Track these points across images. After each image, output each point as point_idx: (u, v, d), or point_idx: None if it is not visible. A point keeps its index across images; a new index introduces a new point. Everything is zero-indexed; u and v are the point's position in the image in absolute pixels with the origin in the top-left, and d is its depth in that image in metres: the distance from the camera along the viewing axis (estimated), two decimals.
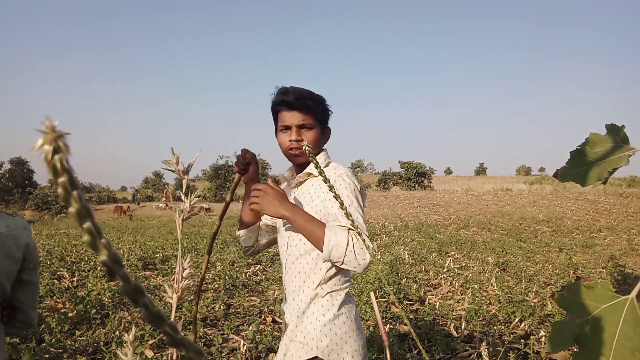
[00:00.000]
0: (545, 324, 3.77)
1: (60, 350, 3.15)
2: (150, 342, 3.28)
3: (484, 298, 4.68)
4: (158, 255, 7.52)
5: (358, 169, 77.06)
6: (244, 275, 5.93)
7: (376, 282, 4.66)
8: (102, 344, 3.30)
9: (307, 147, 0.55)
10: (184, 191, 0.85)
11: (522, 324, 3.79)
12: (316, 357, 1.25)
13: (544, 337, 3.40)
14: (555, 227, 12.49)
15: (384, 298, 4.58)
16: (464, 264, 6.87)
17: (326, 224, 1.23)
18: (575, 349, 0.53)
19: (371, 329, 3.60)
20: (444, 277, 5.86)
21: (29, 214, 27.97)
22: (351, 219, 0.56)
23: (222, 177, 33.16)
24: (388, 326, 3.75)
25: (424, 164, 37.70)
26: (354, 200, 1.28)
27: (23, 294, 1.34)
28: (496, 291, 4.75)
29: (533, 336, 3.47)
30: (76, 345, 3.28)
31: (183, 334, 0.25)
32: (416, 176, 36.43)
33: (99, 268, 6.12)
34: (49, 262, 6.45)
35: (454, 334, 3.62)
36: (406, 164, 37.25)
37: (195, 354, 0.25)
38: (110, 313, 4.08)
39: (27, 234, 1.33)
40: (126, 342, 0.67)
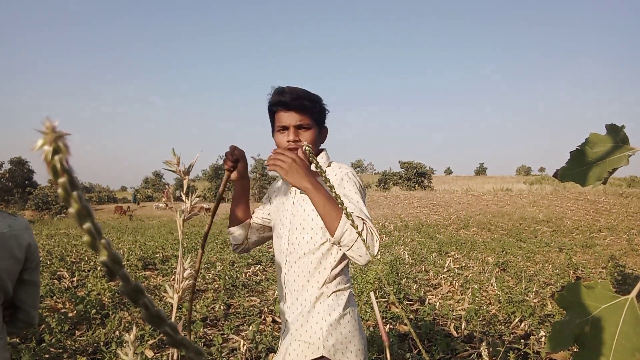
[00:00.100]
0: (545, 324, 3.77)
1: (60, 350, 3.15)
2: (150, 342, 3.28)
3: (484, 298, 4.68)
4: (158, 255, 7.52)
5: (358, 169, 76.99)
6: (244, 275, 5.93)
7: (376, 282, 4.66)
8: (102, 344, 3.30)
9: (307, 147, 0.55)
10: (184, 191, 0.85)
11: (522, 324, 3.79)
12: (322, 356, 1.25)
13: (544, 337, 3.40)
14: (555, 227, 12.49)
15: (384, 298, 4.58)
16: (464, 264, 6.87)
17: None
18: (575, 349, 0.53)
19: (371, 329, 3.60)
20: (444, 277, 5.86)
21: (29, 214, 27.95)
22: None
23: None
24: (388, 326, 3.75)
25: (424, 164, 37.75)
26: (360, 198, 1.30)
27: (24, 293, 1.34)
28: (496, 291, 4.75)
29: (533, 336, 3.47)
30: (76, 345, 3.28)
31: (183, 334, 0.25)
32: (416, 176, 36.43)
33: (99, 268, 6.13)
34: (49, 262, 6.45)
35: (454, 334, 3.62)
36: (406, 164, 37.25)
37: (195, 354, 0.25)
38: (110, 313, 4.08)
39: (29, 234, 1.33)
40: (127, 342, 0.67)
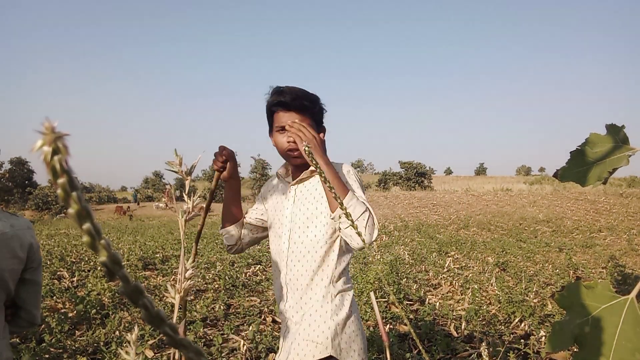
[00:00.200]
0: (545, 324, 3.77)
1: (60, 350, 3.15)
2: (150, 342, 3.28)
3: (484, 298, 4.68)
4: (158, 256, 7.52)
5: (358, 169, 77.03)
6: (244, 275, 5.93)
7: (376, 282, 4.66)
8: (102, 344, 3.30)
9: (306, 148, 0.55)
10: (186, 192, 0.85)
11: (522, 324, 3.79)
12: (330, 356, 1.27)
13: (544, 337, 3.40)
14: (555, 227, 12.49)
15: (384, 298, 4.58)
16: (464, 264, 6.87)
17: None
18: (575, 349, 0.53)
19: (371, 329, 3.60)
20: (444, 277, 5.86)
21: (29, 214, 27.97)
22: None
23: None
24: (388, 326, 3.75)
25: (424, 164, 37.79)
26: (362, 193, 1.34)
27: (26, 293, 1.35)
28: (496, 291, 4.74)
29: (533, 336, 3.47)
30: (76, 345, 3.28)
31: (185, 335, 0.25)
32: (416, 176, 36.44)
33: (99, 268, 6.12)
34: (49, 262, 6.45)
35: (454, 334, 3.62)
36: (406, 164, 37.26)
37: (195, 354, 0.25)
38: (110, 313, 4.08)
39: (30, 234, 1.34)
40: (128, 342, 0.67)
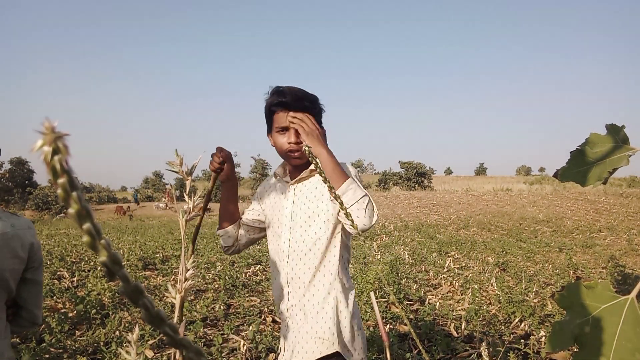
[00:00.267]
0: (545, 324, 3.77)
1: (60, 350, 3.15)
2: (150, 342, 3.28)
3: (484, 298, 4.68)
4: (158, 256, 7.52)
5: (358, 169, 76.15)
6: (244, 275, 5.93)
7: (376, 282, 4.66)
8: (102, 344, 3.30)
9: (307, 148, 0.55)
10: (187, 192, 0.85)
11: (522, 324, 3.79)
12: (337, 352, 1.28)
13: (544, 337, 3.40)
14: (555, 227, 12.49)
15: (384, 298, 4.58)
16: (464, 264, 6.87)
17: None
18: (575, 349, 0.53)
19: (371, 329, 3.60)
20: (444, 277, 5.86)
21: (29, 214, 27.96)
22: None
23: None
24: (388, 326, 3.75)
25: (424, 164, 37.76)
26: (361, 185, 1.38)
27: (27, 292, 1.35)
28: (496, 291, 4.74)
29: (533, 336, 3.47)
30: (76, 345, 3.28)
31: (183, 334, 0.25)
32: (416, 176, 36.44)
33: (99, 268, 6.12)
34: (49, 262, 6.45)
35: (454, 334, 3.62)
36: (406, 164, 37.26)
37: (195, 354, 0.25)
38: (111, 313, 4.08)
39: (31, 234, 1.34)
40: (129, 342, 0.67)
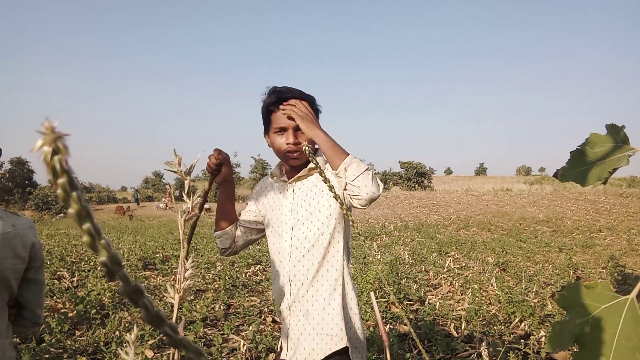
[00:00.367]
0: (545, 324, 3.77)
1: (60, 350, 3.15)
2: (150, 342, 3.28)
3: (484, 298, 4.68)
4: (158, 256, 7.52)
5: None
6: (244, 276, 5.93)
7: (376, 282, 4.66)
8: (102, 344, 3.30)
9: (307, 148, 0.55)
10: (186, 192, 0.85)
11: (522, 324, 3.79)
12: (346, 347, 1.29)
13: (544, 337, 3.40)
14: (555, 227, 12.49)
15: (384, 298, 4.58)
16: (464, 264, 6.87)
17: None
18: (575, 349, 0.53)
19: (371, 329, 3.60)
20: (444, 277, 5.86)
21: (29, 214, 27.96)
22: None
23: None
24: (388, 326, 3.75)
25: (424, 164, 37.76)
26: None
27: (29, 292, 1.35)
28: (496, 291, 4.74)
29: (533, 336, 3.47)
30: (76, 345, 3.28)
31: (183, 334, 0.25)
32: (416, 176, 36.44)
33: (99, 268, 6.12)
34: (49, 262, 6.45)
35: (454, 334, 3.62)
36: (406, 164, 37.26)
37: (195, 354, 0.25)
38: (110, 313, 4.08)
39: (32, 233, 1.34)
40: (128, 342, 0.67)
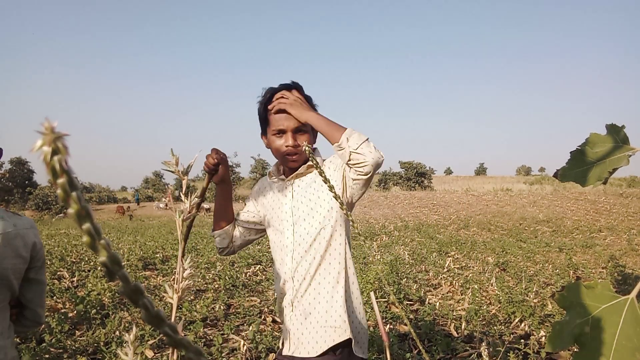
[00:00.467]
0: (545, 324, 3.77)
1: (61, 350, 3.15)
2: (150, 342, 3.28)
3: (484, 298, 4.68)
4: (158, 256, 7.52)
5: None
6: (244, 276, 5.93)
7: (376, 282, 4.66)
8: (102, 344, 3.30)
9: (307, 148, 0.56)
10: (184, 192, 0.85)
11: (522, 324, 3.79)
12: (350, 338, 1.29)
13: (544, 337, 3.40)
14: (555, 227, 12.48)
15: (384, 298, 4.58)
16: (464, 264, 6.87)
17: None
18: (575, 349, 0.53)
19: (371, 329, 3.60)
20: (444, 277, 5.85)
21: (29, 214, 27.94)
22: None
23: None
24: (388, 326, 3.75)
25: (424, 164, 37.75)
26: None
27: (31, 292, 1.35)
28: (496, 291, 4.74)
29: (533, 336, 3.47)
30: (76, 345, 3.28)
31: (183, 334, 0.25)
32: (416, 176, 36.43)
33: (99, 268, 6.12)
34: (49, 262, 6.44)
35: (454, 334, 3.62)
36: (406, 164, 37.25)
37: (195, 354, 0.25)
38: (110, 313, 4.08)
39: (34, 233, 1.33)
40: (127, 342, 0.67)
